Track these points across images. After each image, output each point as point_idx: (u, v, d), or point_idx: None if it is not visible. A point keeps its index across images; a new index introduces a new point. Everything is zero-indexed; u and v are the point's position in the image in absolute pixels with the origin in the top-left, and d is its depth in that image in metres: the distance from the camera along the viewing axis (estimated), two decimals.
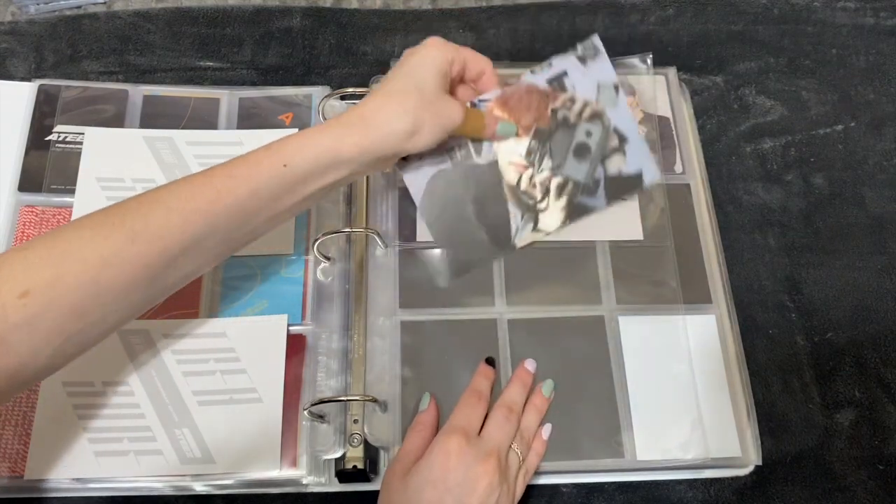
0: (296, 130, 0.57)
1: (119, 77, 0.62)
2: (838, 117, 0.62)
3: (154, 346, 0.50)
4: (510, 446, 0.45)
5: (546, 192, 0.52)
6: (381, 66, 0.61)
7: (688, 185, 0.57)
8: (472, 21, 0.66)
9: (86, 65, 0.62)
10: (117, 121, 0.58)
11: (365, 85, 0.59)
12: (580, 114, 0.52)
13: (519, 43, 0.65)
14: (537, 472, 0.48)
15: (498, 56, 0.64)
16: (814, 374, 0.53)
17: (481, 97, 0.51)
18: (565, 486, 0.49)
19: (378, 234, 0.53)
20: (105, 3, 0.67)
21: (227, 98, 0.60)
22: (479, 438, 0.44)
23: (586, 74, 0.52)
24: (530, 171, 0.52)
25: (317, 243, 0.52)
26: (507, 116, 0.51)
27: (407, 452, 0.44)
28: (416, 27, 0.66)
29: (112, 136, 0.57)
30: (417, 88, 0.45)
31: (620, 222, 0.55)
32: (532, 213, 0.52)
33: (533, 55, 0.64)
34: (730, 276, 0.54)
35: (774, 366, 0.53)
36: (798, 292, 0.55)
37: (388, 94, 0.45)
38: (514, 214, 0.52)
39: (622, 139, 0.52)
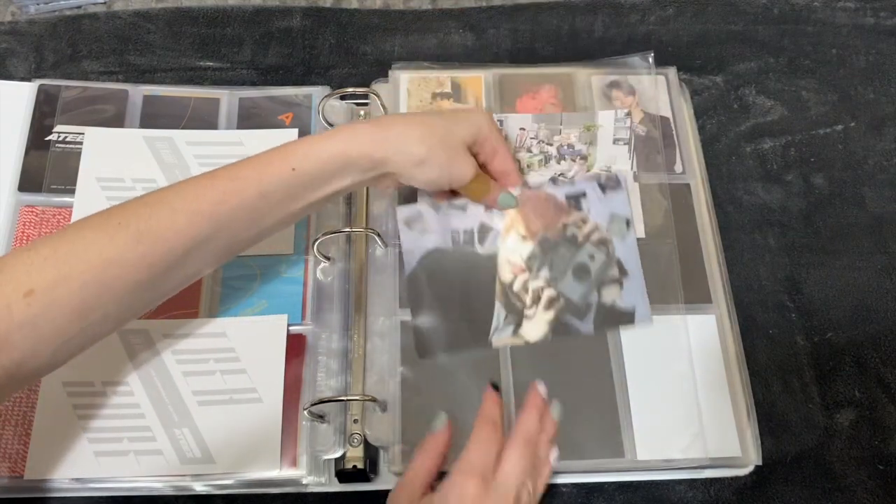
0: (296, 131, 0.58)
1: (119, 77, 0.62)
2: (838, 117, 0.62)
3: (154, 346, 0.50)
4: (524, 482, 0.43)
5: (536, 301, 0.51)
6: (381, 66, 0.61)
7: (688, 185, 0.57)
8: (472, 21, 0.66)
9: (86, 65, 0.62)
10: (117, 121, 0.58)
11: (365, 85, 0.59)
12: (588, 235, 0.53)
13: (519, 43, 0.65)
14: None
15: (498, 56, 0.64)
16: (814, 374, 0.53)
17: (503, 191, 0.52)
18: (565, 486, 0.49)
19: (378, 234, 0.53)
20: (105, 3, 0.67)
21: (227, 98, 0.60)
22: (496, 482, 0.41)
23: (603, 202, 0.53)
24: (526, 275, 0.52)
25: (317, 243, 0.52)
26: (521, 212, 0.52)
27: (413, 476, 0.43)
28: (416, 27, 0.66)
29: (112, 136, 0.57)
30: (446, 130, 0.46)
31: None
32: (517, 316, 0.51)
33: (533, 55, 0.64)
34: (730, 276, 0.54)
35: (774, 366, 0.53)
36: (798, 292, 0.55)
37: (416, 120, 0.45)
38: (499, 313, 0.51)
39: (623, 272, 0.52)
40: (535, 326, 0.51)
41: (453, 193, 0.53)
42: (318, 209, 0.47)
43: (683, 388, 0.50)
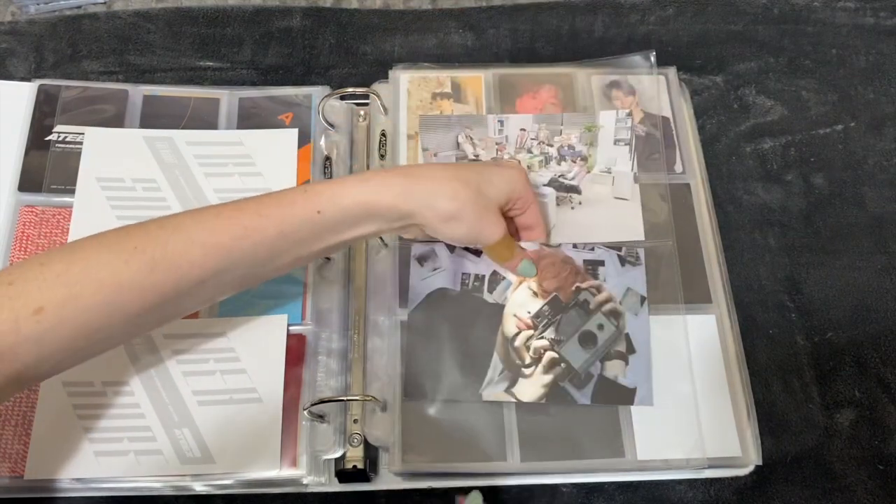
0: (296, 131, 0.58)
1: (119, 77, 0.62)
2: (838, 117, 0.62)
3: (154, 346, 0.50)
4: None
5: (536, 361, 0.49)
6: (381, 66, 0.61)
7: (688, 185, 0.57)
8: (472, 21, 0.66)
9: (86, 65, 0.62)
10: (117, 121, 0.58)
11: (365, 85, 0.59)
12: (601, 304, 0.51)
13: (519, 43, 0.65)
14: (537, 473, 0.48)
15: (498, 56, 0.64)
16: (814, 374, 0.53)
17: (522, 243, 0.51)
18: (565, 486, 0.49)
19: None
20: (105, 3, 0.67)
21: (227, 98, 0.60)
22: None
23: (621, 274, 0.52)
24: (530, 332, 0.50)
25: None
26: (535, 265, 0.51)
27: None
28: (416, 27, 0.66)
29: (112, 136, 0.57)
30: (478, 189, 0.44)
31: (622, 222, 0.55)
32: (513, 373, 0.49)
33: (533, 55, 0.64)
34: (730, 276, 0.54)
35: (774, 366, 0.53)
36: (798, 292, 0.55)
37: (449, 175, 0.44)
38: (495, 366, 0.49)
39: (630, 349, 0.50)
40: (531, 387, 0.49)
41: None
42: (341, 250, 0.46)
43: (683, 389, 0.50)
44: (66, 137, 0.57)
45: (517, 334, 0.50)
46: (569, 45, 0.65)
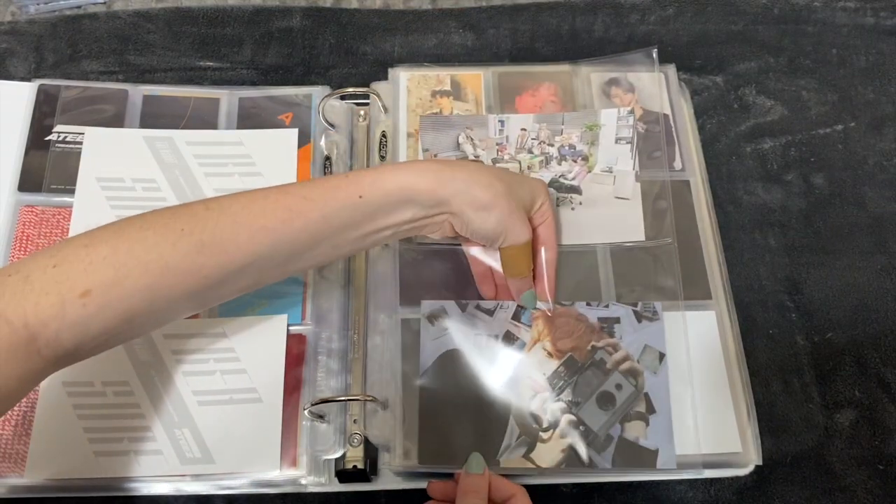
0: (296, 131, 0.58)
1: (119, 77, 0.62)
2: (838, 117, 0.62)
3: (154, 346, 0.50)
4: None
5: (553, 425, 0.48)
6: (381, 66, 0.61)
7: (687, 182, 0.57)
8: (472, 21, 0.66)
9: (86, 65, 0.62)
10: (117, 121, 0.58)
11: (365, 85, 0.59)
12: (618, 363, 0.50)
13: (519, 43, 0.65)
14: (537, 472, 0.48)
15: (498, 56, 0.64)
16: (814, 374, 0.53)
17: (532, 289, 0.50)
18: (565, 486, 0.49)
19: None
20: (105, 3, 0.67)
21: (227, 98, 0.60)
22: None
23: (638, 331, 0.51)
24: (546, 394, 0.49)
25: None
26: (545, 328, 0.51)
27: None
28: (416, 27, 0.66)
29: (112, 136, 0.57)
30: (510, 186, 0.45)
31: (623, 222, 0.55)
32: (531, 438, 0.48)
33: (533, 55, 0.64)
34: (730, 276, 0.54)
35: (774, 366, 0.53)
36: (798, 292, 0.55)
37: (484, 169, 0.45)
38: (512, 430, 0.48)
39: (651, 409, 0.48)
40: (549, 452, 0.47)
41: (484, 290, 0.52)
42: (373, 245, 0.46)
43: (683, 388, 0.50)
44: (66, 137, 0.57)
45: (533, 397, 0.49)
46: (569, 45, 0.65)
